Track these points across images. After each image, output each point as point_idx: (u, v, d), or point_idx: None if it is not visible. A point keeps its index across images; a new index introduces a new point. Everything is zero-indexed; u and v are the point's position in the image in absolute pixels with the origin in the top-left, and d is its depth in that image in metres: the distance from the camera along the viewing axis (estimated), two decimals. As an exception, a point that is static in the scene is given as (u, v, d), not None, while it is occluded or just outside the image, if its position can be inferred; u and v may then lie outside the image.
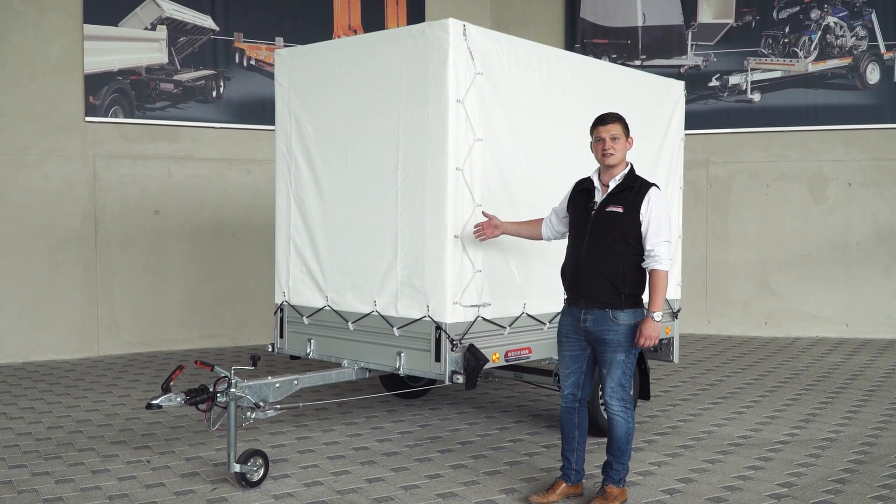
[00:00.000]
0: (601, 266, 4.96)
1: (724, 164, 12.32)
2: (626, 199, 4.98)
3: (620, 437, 5.07)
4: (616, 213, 4.96)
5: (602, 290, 4.96)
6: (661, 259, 4.92)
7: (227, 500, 5.18)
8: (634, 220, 4.94)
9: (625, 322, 4.96)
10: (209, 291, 10.94)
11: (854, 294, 11.91)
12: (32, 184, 9.90)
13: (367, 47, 6.32)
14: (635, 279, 5.00)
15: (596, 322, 5.00)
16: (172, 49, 10.62)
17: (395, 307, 6.10)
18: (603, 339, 5.00)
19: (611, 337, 4.97)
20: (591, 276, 4.98)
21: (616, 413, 5.05)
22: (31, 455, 6.11)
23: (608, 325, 4.97)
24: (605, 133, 5.06)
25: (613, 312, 4.96)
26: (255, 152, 11.06)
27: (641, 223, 4.93)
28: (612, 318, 4.96)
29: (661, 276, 4.94)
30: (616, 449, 5.10)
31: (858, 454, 6.30)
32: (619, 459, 5.11)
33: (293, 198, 6.80)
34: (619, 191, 5.03)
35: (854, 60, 11.85)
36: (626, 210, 4.95)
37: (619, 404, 5.04)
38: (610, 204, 5.00)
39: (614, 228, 4.96)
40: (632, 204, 4.95)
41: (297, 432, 6.78)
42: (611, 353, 5.00)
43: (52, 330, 10.02)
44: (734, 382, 8.91)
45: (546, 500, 5.19)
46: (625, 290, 4.95)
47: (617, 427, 5.06)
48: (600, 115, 5.16)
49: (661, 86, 7.60)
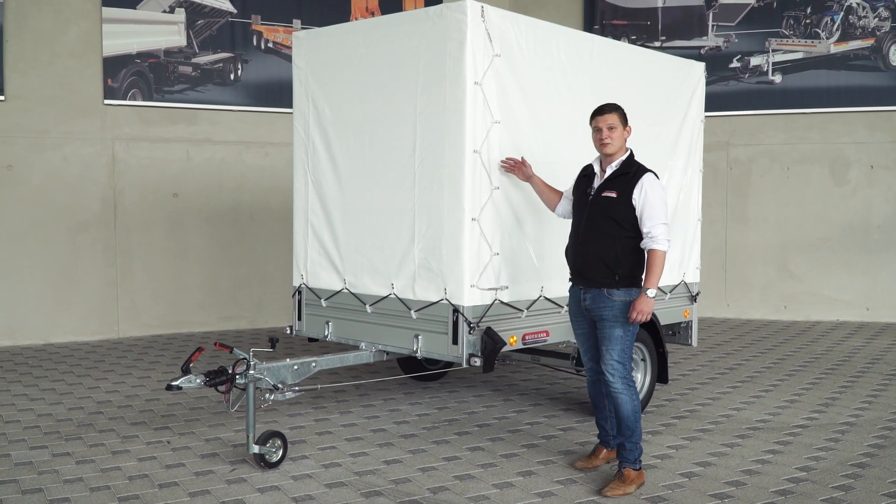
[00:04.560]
0: (596, 248, 5.22)
1: (745, 147, 12.22)
2: (621, 184, 5.22)
3: (628, 416, 5.19)
4: (610, 197, 5.21)
5: (598, 271, 5.21)
6: (658, 240, 5.12)
7: (246, 481, 5.21)
8: (627, 205, 5.16)
9: (620, 298, 5.18)
10: (228, 274, 10.98)
11: (875, 277, 11.82)
12: (52, 166, 9.95)
13: (384, 29, 6.30)
14: (630, 260, 5.21)
15: (594, 300, 5.25)
16: (190, 32, 10.62)
17: (412, 290, 6.10)
18: (601, 316, 5.23)
19: (607, 313, 5.19)
20: (588, 258, 5.26)
21: (619, 392, 5.19)
22: (52, 436, 6.16)
23: (604, 301, 5.20)
24: (602, 123, 5.29)
25: (609, 291, 5.18)
26: (272, 135, 11.07)
27: (635, 207, 5.15)
28: (607, 296, 5.19)
29: (659, 255, 5.13)
30: (626, 428, 5.20)
31: (878, 438, 6.26)
32: (630, 439, 5.20)
33: (311, 180, 6.80)
34: (615, 176, 5.27)
35: (877, 41, 11.71)
36: (620, 195, 5.19)
37: (620, 382, 5.19)
38: (605, 189, 5.26)
39: (608, 212, 5.20)
40: (625, 189, 5.19)
41: (315, 414, 6.81)
42: (608, 328, 5.20)
43: (72, 312, 10.09)
44: (753, 366, 8.88)
45: (590, 465, 5.49)
46: (619, 271, 5.17)
47: (623, 406, 5.19)
48: (598, 106, 5.38)
49: (682, 67, 7.53)
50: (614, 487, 5.10)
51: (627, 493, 5.09)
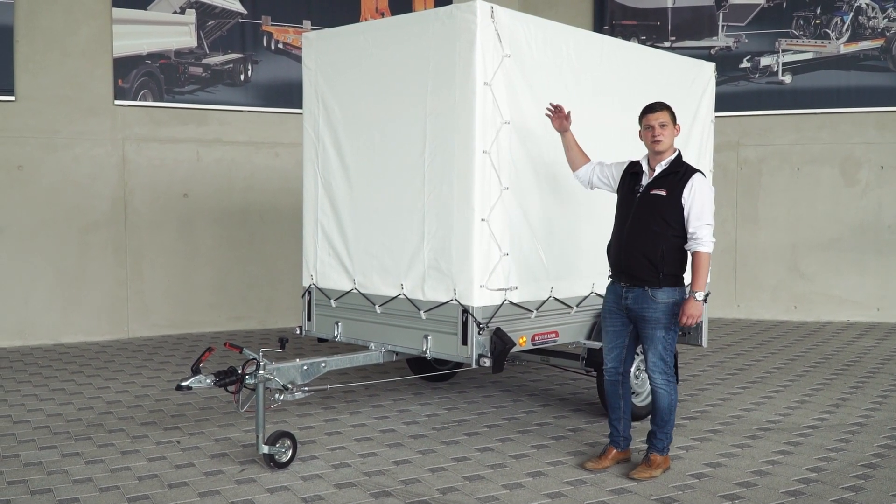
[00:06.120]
0: (641, 245, 5.23)
1: (755, 147, 12.19)
2: (671, 183, 5.23)
3: (664, 409, 5.36)
4: (659, 195, 5.23)
5: (642, 268, 5.23)
6: (703, 241, 5.17)
7: (255, 481, 5.21)
8: (676, 204, 5.18)
9: (663, 300, 5.21)
10: (238, 274, 11.00)
11: (886, 278, 11.77)
12: (63, 167, 9.99)
13: (394, 30, 6.30)
14: (675, 259, 5.24)
15: (636, 300, 5.28)
16: (201, 33, 10.65)
17: (422, 290, 6.10)
18: (643, 317, 5.27)
19: (650, 314, 5.23)
20: (632, 255, 5.27)
21: (659, 386, 5.34)
22: (62, 436, 6.18)
23: (647, 303, 5.23)
24: (654, 121, 5.29)
25: (652, 291, 5.21)
26: (282, 136, 11.08)
27: (683, 207, 5.17)
28: (651, 297, 5.22)
29: (704, 257, 5.20)
30: (660, 419, 5.39)
31: (889, 439, 6.24)
32: (662, 429, 5.39)
33: (321, 181, 6.81)
34: (664, 175, 5.29)
35: (886, 42, 11.67)
36: (669, 193, 5.20)
37: (661, 377, 5.32)
38: (655, 187, 5.28)
39: (656, 210, 5.22)
40: (675, 188, 5.20)
41: (324, 414, 6.82)
42: (651, 329, 5.26)
43: (82, 312, 10.12)
44: (763, 367, 8.85)
45: (600, 466, 5.51)
46: (663, 270, 5.19)
47: (660, 399, 5.35)
48: (649, 103, 5.39)
49: (692, 68, 7.52)
50: (641, 471, 5.34)
51: (654, 476, 5.32)
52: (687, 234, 5.21)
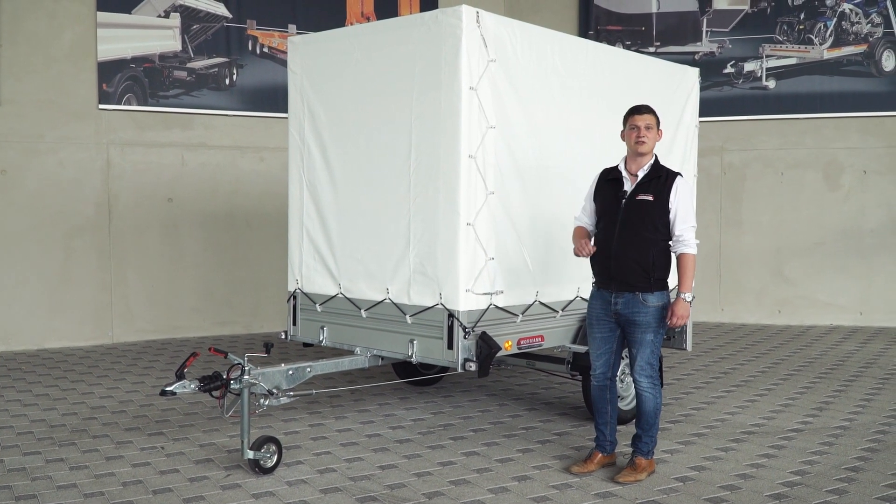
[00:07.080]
0: (632, 252, 5.26)
1: (739, 152, 12.25)
2: (656, 187, 5.27)
3: (649, 412, 5.40)
4: (647, 201, 5.26)
5: (633, 274, 5.26)
6: (689, 243, 5.25)
7: (240, 487, 5.20)
8: (664, 208, 5.23)
9: (654, 304, 5.26)
10: (223, 279, 10.97)
11: (869, 282, 11.84)
12: (47, 171, 9.94)
13: (379, 34, 6.31)
14: (663, 263, 5.31)
15: (626, 305, 5.31)
16: (186, 37, 10.62)
17: (407, 295, 6.10)
18: (633, 321, 5.30)
19: (641, 318, 5.28)
20: (623, 262, 5.28)
21: (645, 390, 5.38)
22: (46, 442, 6.15)
23: (638, 307, 5.28)
24: (640, 122, 5.34)
25: (643, 295, 5.26)
26: (268, 140, 11.07)
27: (670, 210, 5.22)
28: (641, 301, 5.26)
29: (690, 259, 5.27)
30: (645, 423, 5.43)
31: (872, 442, 6.27)
32: (647, 433, 5.44)
33: (306, 185, 6.80)
34: (647, 180, 5.31)
35: (870, 47, 11.75)
36: (657, 198, 5.24)
37: (647, 381, 5.37)
38: (640, 193, 5.30)
39: (646, 216, 5.25)
40: (661, 192, 5.25)
41: (310, 419, 6.80)
42: (640, 333, 5.30)
43: (66, 317, 10.07)
44: (748, 370, 8.89)
45: (586, 470, 5.52)
46: (654, 274, 5.25)
47: (646, 402, 5.39)
48: (635, 105, 5.44)
49: (676, 73, 7.55)
50: (626, 475, 5.37)
51: (639, 479, 5.35)
52: (672, 237, 5.27)
